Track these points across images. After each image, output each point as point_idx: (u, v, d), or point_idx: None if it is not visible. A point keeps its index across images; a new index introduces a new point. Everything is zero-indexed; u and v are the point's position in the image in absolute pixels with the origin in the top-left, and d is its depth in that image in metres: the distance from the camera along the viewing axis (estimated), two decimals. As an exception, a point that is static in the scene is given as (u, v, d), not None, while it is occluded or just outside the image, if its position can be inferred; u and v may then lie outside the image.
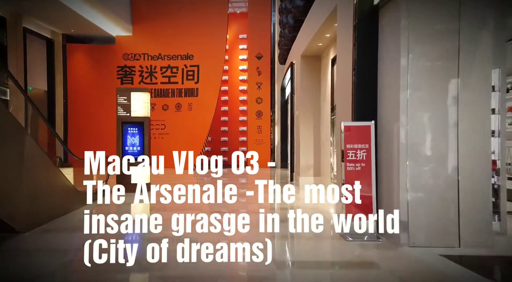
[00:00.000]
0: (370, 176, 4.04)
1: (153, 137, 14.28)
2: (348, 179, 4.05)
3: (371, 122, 4.09)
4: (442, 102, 3.71)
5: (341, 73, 5.30)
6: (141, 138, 7.52)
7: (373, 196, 4.02)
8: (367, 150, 4.06)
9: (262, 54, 14.51)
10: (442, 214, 3.67)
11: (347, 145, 4.08)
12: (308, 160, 8.50)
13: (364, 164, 4.06)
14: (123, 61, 14.46)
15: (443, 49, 3.71)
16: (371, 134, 4.06)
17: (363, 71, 4.30)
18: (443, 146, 3.70)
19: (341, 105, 5.30)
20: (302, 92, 8.53)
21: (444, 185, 3.68)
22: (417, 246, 3.66)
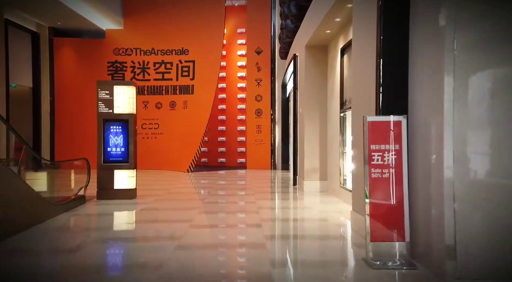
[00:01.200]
0: (402, 185, 3.18)
1: (145, 137, 13.45)
2: (373, 189, 3.19)
3: (402, 116, 3.22)
4: (506, 90, 2.84)
5: (359, 60, 4.43)
6: (125, 138, 6.65)
7: (405, 210, 3.16)
8: (397, 152, 3.20)
9: (262, 49, 13.65)
10: (504, 236, 2.80)
11: (372, 145, 3.21)
12: (314, 162, 7.64)
13: (393, 169, 3.19)
14: (113, 56, 13.59)
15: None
16: (402, 132, 3.20)
17: (392, 55, 3.43)
18: (506, 147, 2.83)
19: (358, 97, 4.44)
20: (306, 87, 7.67)
21: (509, 199, 2.81)
22: (468, 278, 2.79)
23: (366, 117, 3.23)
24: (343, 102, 6.54)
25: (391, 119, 3.20)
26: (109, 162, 6.59)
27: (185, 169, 12.38)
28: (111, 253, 3.80)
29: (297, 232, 4.69)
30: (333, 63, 7.12)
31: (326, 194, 7.30)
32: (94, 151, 6.59)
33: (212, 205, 6.33)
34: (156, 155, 13.16)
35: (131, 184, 6.63)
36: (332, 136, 7.24)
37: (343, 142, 6.63)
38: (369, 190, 3.19)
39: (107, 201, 6.38)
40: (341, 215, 5.35)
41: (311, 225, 4.85)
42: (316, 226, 4.78)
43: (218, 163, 15.11)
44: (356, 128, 4.49)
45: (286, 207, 6.41)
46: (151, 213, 5.61)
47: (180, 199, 6.90)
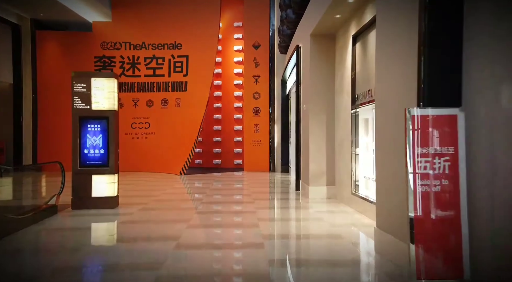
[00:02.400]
0: (458, 202, 2.34)
1: (135, 137, 12.55)
2: (419, 207, 2.35)
3: (459, 109, 2.39)
4: None
5: (387, 45, 3.59)
6: (105, 138, 5.77)
7: (463, 236, 2.33)
8: (452, 157, 2.36)
9: (260, 43, 12.80)
10: None
11: (417, 148, 2.37)
12: (320, 165, 6.80)
13: (447, 180, 2.35)
14: (101, 50, 12.69)
15: None
16: (459, 130, 2.36)
17: (441, 36, 2.60)
18: None
19: (385, 88, 3.59)
20: (311, 81, 6.83)
21: None
22: None
23: (410, 110, 2.39)
24: (355, 98, 5.71)
25: (446, 112, 2.36)
26: (86, 166, 5.71)
27: (178, 171, 11.51)
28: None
29: (308, 254, 3.81)
30: (343, 53, 6.29)
31: (334, 201, 6.46)
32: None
33: (205, 217, 5.47)
34: (147, 156, 12.28)
35: (111, 191, 5.75)
36: (342, 136, 6.41)
37: (355, 142, 5.79)
38: (413, 208, 2.35)
39: (83, 211, 5.51)
40: (358, 230, 4.51)
41: (325, 244, 4.00)
42: (331, 245, 3.93)
43: (213, 164, 14.24)
44: (382, 125, 3.65)
45: (291, 218, 5.57)
46: (131, 227, 4.74)
47: (168, 207, 6.04)
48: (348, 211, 5.59)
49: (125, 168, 12.22)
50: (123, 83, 12.61)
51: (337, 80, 6.64)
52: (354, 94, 5.77)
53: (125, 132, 12.42)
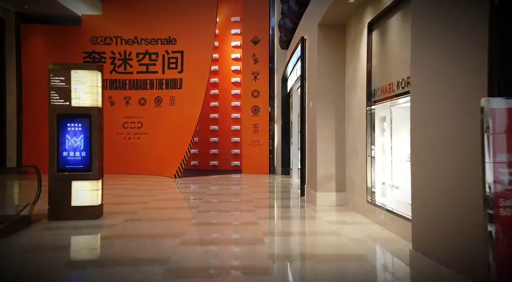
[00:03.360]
0: (557, 230, 1.68)
1: (127, 137, 11.83)
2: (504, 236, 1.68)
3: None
4: None
5: (430, 19, 2.92)
6: (87, 139, 5.06)
7: None
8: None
9: (259, 38, 12.12)
10: None
11: (499, 154, 1.70)
12: (329, 169, 6.14)
13: (540, 200, 1.68)
14: (90, 45, 11.97)
15: None
16: (557, 130, 1.69)
17: None
18: None
19: (427, 78, 2.93)
20: (319, 76, 6.16)
21: None
22: None
23: (491, 101, 1.71)
24: (371, 93, 5.04)
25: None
26: (65, 171, 5.00)
27: (172, 173, 10.80)
28: None
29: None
30: (356, 44, 5.62)
31: (345, 210, 5.79)
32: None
33: (201, 229, 4.77)
34: (139, 158, 11.56)
35: (94, 199, 5.05)
36: (353, 136, 5.75)
37: (371, 143, 5.13)
38: (495, 237, 1.68)
39: (60, 223, 4.80)
40: (384, 249, 3.84)
41: (349, 269, 3.30)
42: (357, 272, 3.24)
43: (209, 166, 13.55)
44: (422, 123, 2.99)
45: (301, 232, 4.87)
46: (114, 244, 4.04)
47: (160, 217, 5.34)
48: (364, 222, 4.92)
49: (115, 170, 11.51)
50: (114, 80, 11.90)
51: (348, 74, 5.98)
52: (369, 90, 5.10)
53: (116, 132, 11.73)
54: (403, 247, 3.65)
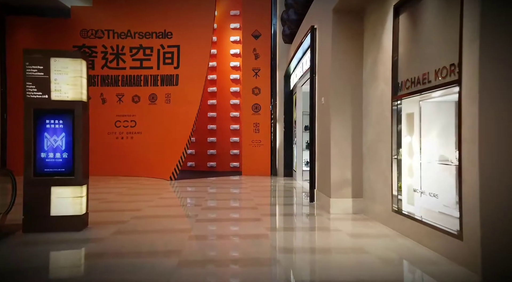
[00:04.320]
0: None
1: (119, 137, 11.11)
2: None
3: None
4: None
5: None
6: (69, 138, 4.36)
7: None
8: None
9: (260, 32, 11.45)
10: None
11: None
12: (344, 172, 5.48)
13: None
14: (81, 39, 11.24)
15: None
16: None
17: None
18: None
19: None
20: (333, 69, 5.50)
21: None
22: None
23: None
24: (398, 87, 4.39)
25: None
26: (44, 175, 4.30)
27: (168, 176, 10.10)
28: None
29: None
30: (377, 31, 4.97)
31: (364, 219, 5.13)
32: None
33: (202, 245, 4.09)
34: (133, 159, 10.84)
35: (77, 207, 4.34)
36: (373, 136, 5.10)
37: (397, 144, 4.48)
38: None
39: (37, 235, 4.10)
40: (428, 273, 3.18)
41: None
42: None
43: (207, 167, 12.87)
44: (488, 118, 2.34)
45: (321, 248, 4.07)
46: (97, 266, 3.34)
47: (153, 229, 4.64)
48: (390, 234, 4.27)
49: (107, 172, 10.79)
50: (105, 76, 11.18)
51: (367, 66, 5.33)
52: (395, 82, 4.45)
53: (108, 132, 11.03)
54: (460, 273, 2.99)
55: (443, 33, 3.50)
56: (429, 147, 4.37)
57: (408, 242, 3.92)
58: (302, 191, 8.21)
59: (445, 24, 3.47)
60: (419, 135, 4.39)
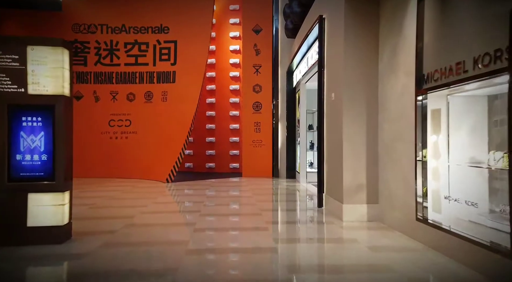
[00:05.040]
0: None
1: (113, 137, 10.56)
2: None
3: None
4: None
5: None
6: (49, 138, 3.83)
7: None
8: None
9: (261, 27, 10.92)
10: None
11: None
12: (358, 175, 4.96)
13: None
14: (72, 34, 10.68)
15: None
16: None
17: None
18: None
19: None
20: (346, 61, 4.98)
21: None
22: None
23: None
24: (424, 78, 3.87)
25: None
26: (20, 180, 3.76)
27: (164, 178, 9.56)
28: None
29: None
30: (396, 18, 4.45)
31: (382, 227, 4.61)
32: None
33: (200, 261, 3.55)
34: (127, 160, 10.30)
35: (59, 217, 3.81)
36: (393, 134, 4.58)
37: (421, 143, 3.96)
38: None
39: (11, 249, 3.56)
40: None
41: None
42: None
43: (206, 168, 12.33)
44: None
45: (340, 266, 3.52)
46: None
47: (146, 240, 4.10)
48: (415, 247, 3.74)
49: (100, 173, 10.24)
50: (99, 73, 10.63)
51: (383, 57, 4.81)
52: (420, 74, 3.92)
53: (101, 131, 10.48)
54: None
55: (484, 13, 2.99)
56: (458, 147, 3.87)
57: (439, 257, 3.39)
58: (306, 194, 7.70)
59: (489, 1, 2.95)
60: (446, 134, 3.89)
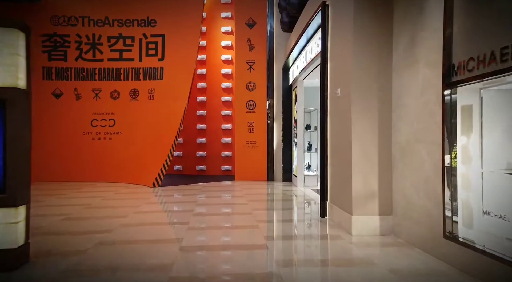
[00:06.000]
0: None
1: (96, 138, 9.80)
2: None
3: None
4: None
5: None
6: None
7: None
8: None
9: (255, 20, 10.26)
10: None
11: None
12: (369, 181, 4.32)
13: None
14: (51, 27, 9.91)
15: None
16: None
17: None
18: None
19: None
20: (355, 52, 4.35)
21: None
22: None
23: None
24: (454, 69, 3.24)
25: None
26: (-38, 192, 3.04)
27: (151, 182, 8.84)
28: None
29: None
30: (415, 0, 3.83)
31: (400, 244, 3.98)
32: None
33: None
34: (111, 163, 9.56)
35: (11, 237, 3.10)
36: (412, 135, 3.95)
37: (449, 146, 3.33)
38: None
39: None
40: None
41: None
42: None
43: (196, 171, 11.64)
44: None
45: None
46: None
47: (121, 264, 3.40)
48: (446, 271, 3.12)
49: (81, 177, 9.49)
50: (80, 69, 9.88)
51: (399, 46, 4.18)
52: (448, 64, 3.30)
53: (82, 132, 9.73)
54: None
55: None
56: (492, 150, 3.26)
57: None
58: (304, 199, 7.07)
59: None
60: (479, 135, 3.27)
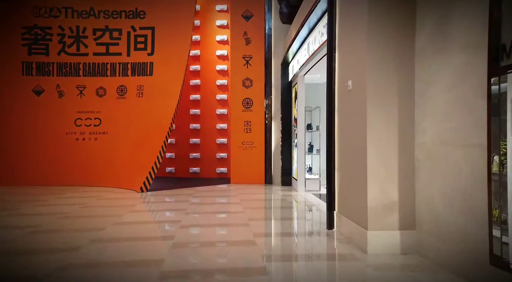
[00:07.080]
0: None
1: (80, 138, 9.05)
2: None
3: None
4: None
5: None
6: None
7: None
8: None
9: (252, 12, 9.59)
10: None
11: None
12: (388, 190, 3.65)
13: None
14: (32, 18, 9.20)
15: None
16: None
17: None
18: None
19: None
20: (369, 41, 3.68)
21: None
22: None
23: None
24: (503, 50, 2.57)
25: None
26: None
27: (138, 186, 8.13)
28: None
29: None
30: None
31: (429, 268, 3.30)
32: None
33: None
34: (96, 165, 8.85)
35: None
36: (441, 135, 3.28)
37: (498, 149, 2.66)
38: None
39: None
40: None
41: None
42: None
43: (189, 173, 10.96)
44: None
45: None
46: None
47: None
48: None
49: (64, 181, 8.75)
50: (63, 64, 9.18)
51: (425, 27, 3.51)
52: (496, 46, 2.63)
53: (66, 132, 9.04)
54: None
55: None
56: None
57: None
58: (306, 206, 6.42)
59: None
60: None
